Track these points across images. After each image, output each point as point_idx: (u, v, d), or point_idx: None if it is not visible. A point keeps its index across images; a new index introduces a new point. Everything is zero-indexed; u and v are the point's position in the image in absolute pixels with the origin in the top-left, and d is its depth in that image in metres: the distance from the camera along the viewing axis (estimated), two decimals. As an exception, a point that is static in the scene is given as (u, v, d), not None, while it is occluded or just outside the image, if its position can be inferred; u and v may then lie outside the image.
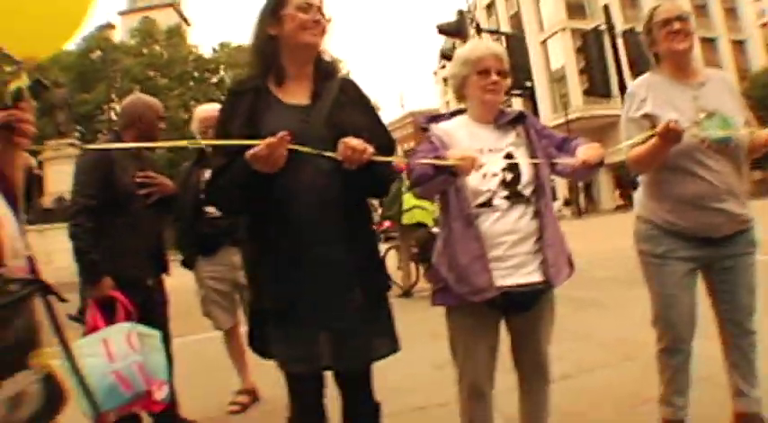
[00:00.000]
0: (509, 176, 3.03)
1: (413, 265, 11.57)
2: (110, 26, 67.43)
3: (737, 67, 59.06)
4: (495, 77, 3.14)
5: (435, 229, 10.52)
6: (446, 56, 11.93)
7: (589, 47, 12.81)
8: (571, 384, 3.39)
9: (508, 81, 3.27)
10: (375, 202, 11.93)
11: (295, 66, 2.87)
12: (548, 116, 49.07)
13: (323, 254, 2.66)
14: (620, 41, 13.58)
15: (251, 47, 2.96)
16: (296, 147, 2.45)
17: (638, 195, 3.68)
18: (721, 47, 61.30)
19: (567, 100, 52.84)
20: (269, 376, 5.12)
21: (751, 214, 3.48)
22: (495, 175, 3.02)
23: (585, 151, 2.98)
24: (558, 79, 55.50)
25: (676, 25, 3.44)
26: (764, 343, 3.61)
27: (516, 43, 12.26)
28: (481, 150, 3.01)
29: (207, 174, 4.87)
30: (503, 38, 12.93)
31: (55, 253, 31.54)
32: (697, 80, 3.52)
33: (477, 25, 11.54)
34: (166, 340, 4.14)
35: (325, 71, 2.95)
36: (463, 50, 3.27)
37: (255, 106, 2.75)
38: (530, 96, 12.44)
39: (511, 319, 3.20)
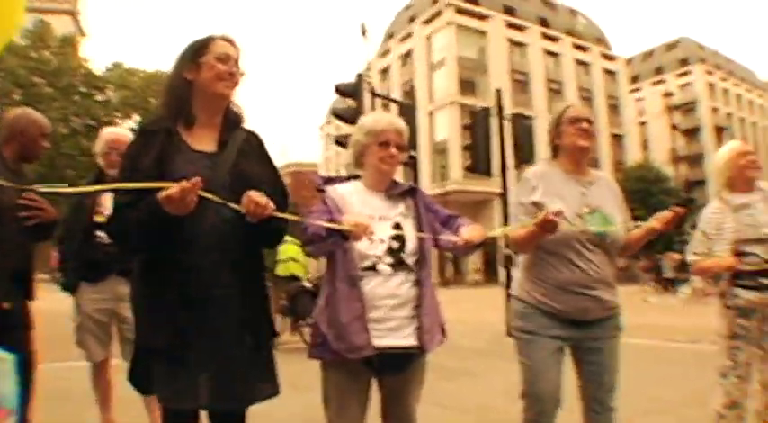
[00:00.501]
0: (395, 245, 3.22)
1: (279, 317, 11.54)
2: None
3: (614, 160, 62.32)
4: (394, 151, 3.36)
5: (307, 284, 10.61)
6: (337, 114, 12.09)
7: (477, 125, 13.26)
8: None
9: (405, 155, 3.48)
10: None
11: (206, 113, 2.96)
12: (426, 185, 49.89)
13: (218, 297, 2.74)
14: (506, 124, 14.06)
15: (165, 87, 3.03)
16: (205, 194, 2.53)
17: (517, 275, 3.92)
18: (602, 139, 64.53)
19: (446, 172, 54.11)
20: (132, 410, 5.12)
21: (618, 301, 3.80)
22: (382, 241, 3.19)
23: (469, 231, 3.24)
24: (440, 151, 56.75)
25: (584, 125, 3.78)
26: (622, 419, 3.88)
27: (407, 112, 12.51)
28: (371, 217, 3.17)
29: (104, 198, 4.77)
30: (394, 105, 13.19)
31: None
32: (587, 178, 3.85)
33: (372, 90, 11.76)
34: (26, 367, 3.83)
35: (232, 120, 3.07)
36: (367, 121, 3.47)
37: (165, 148, 2.80)
38: (413, 165, 12.69)
39: (383, 379, 3.34)
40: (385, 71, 67.39)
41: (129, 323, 4.81)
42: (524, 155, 13.61)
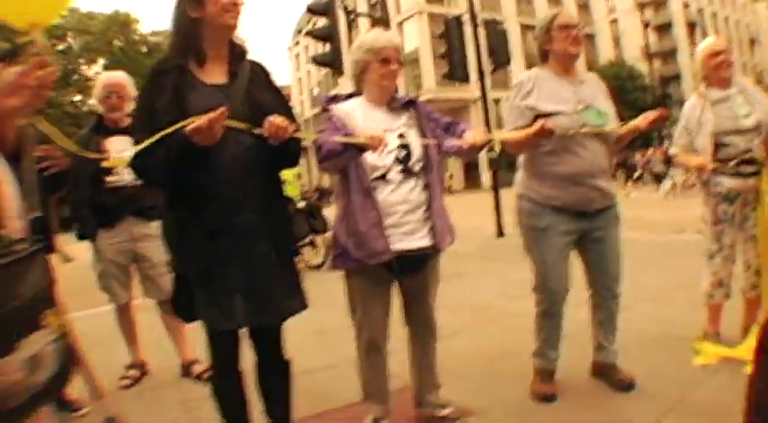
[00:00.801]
0: (402, 154, 3.40)
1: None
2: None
3: (587, 59, 61.94)
4: (394, 66, 3.50)
5: (300, 205, 10.76)
6: (312, 34, 12.07)
7: (451, 33, 13.28)
8: (441, 346, 3.80)
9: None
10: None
11: (214, 47, 3.03)
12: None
13: (245, 222, 2.89)
14: (479, 30, 14.09)
15: (172, 29, 3.07)
16: (230, 123, 2.65)
17: (519, 175, 4.11)
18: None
19: (419, 81, 53.69)
20: (159, 350, 5.34)
21: (614, 191, 4.04)
22: (390, 152, 3.37)
23: (473, 135, 3.41)
24: (412, 61, 56.13)
25: (574, 32, 3.95)
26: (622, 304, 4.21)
27: (381, 26, 12.55)
28: (377, 130, 3.30)
29: (109, 142, 4.84)
30: (368, 20, 13.20)
31: None
32: (577, 79, 4.02)
33: (345, 7, 11.74)
34: None
35: (238, 52, 3.15)
36: (367, 39, 3.58)
37: (179, 85, 2.88)
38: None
39: (403, 281, 3.58)
40: (349, -16, 66.29)
41: (148, 261, 5.00)
42: (500, 59, 13.70)
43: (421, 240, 3.41)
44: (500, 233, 13.18)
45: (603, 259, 4.06)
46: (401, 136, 3.45)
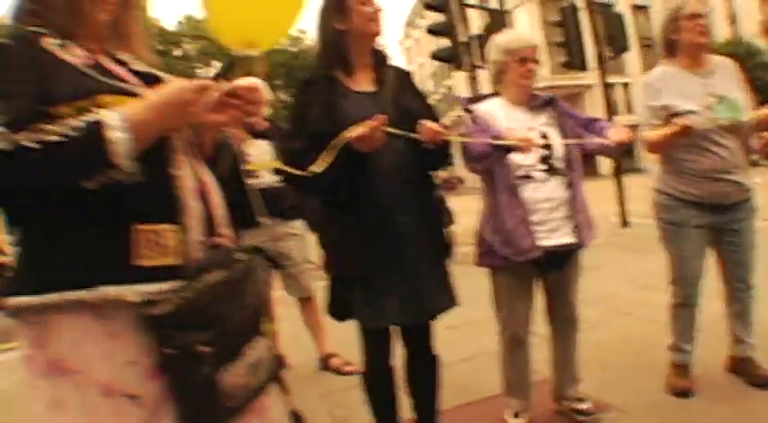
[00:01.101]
0: (545, 152, 3.46)
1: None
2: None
3: (702, 39, 59.77)
4: (531, 65, 3.57)
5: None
6: (431, 31, 12.10)
7: (567, 21, 13.11)
8: (581, 337, 3.84)
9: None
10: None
11: (359, 56, 3.16)
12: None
13: (402, 223, 3.01)
14: (590, 16, 13.88)
15: (319, 40, 3.19)
16: (389, 129, 2.76)
17: (656, 169, 4.10)
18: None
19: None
20: (297, 346, 5.55)
21: (751, 185, 3.96)
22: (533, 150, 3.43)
23: (617, 133, 3.43)
24: (524, 49, 55.49)
25: (702, 21, 3.88)
26: (757, 297, 4.12)
27: (498, 19, 12.48)
28: (519, 130, 3.42)
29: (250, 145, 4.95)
30: (486, 13, 13.07)
31: None
32: (706, 69, 3.93)
33: (461, 1, 11.75)
34: None
35: (381, 58, 3.26)
36: (503, 40, 3.66)
37: (330, 94, 3.02)
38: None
39: (546, 277, 3.66)
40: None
41: (290, 259, 5.18)
42: (619, 45, 13.42)
43: (565, 237, 3.48)
44: (624, 222, 12.94)
45: (738, 251, 4.01)
46: (543, 135, 3.51)
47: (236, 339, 1.79)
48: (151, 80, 1.98)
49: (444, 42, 12.08)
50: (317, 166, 2.65)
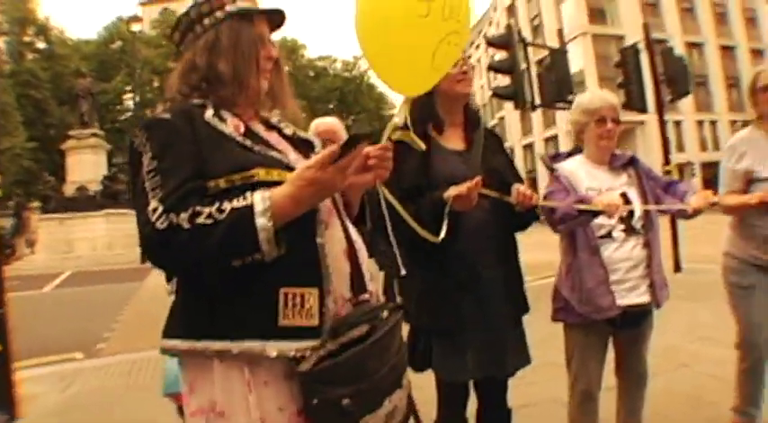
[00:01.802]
0: (625, 212, 3.51)
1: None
2: (136, 19, 67.16)
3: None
4: (610, 126, 3.64)
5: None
6: (493, 68, 12.20)
7: (627, 62, 13.11)
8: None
9: (622, 126, 3.75)
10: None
11: (449, 114, 3.29)
12: (565, 118, 48.75)
13: (487, 279, 3.10)
14: (650, 57, 13.84)
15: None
16: (484, 191, 2.88)
17: (727, 233, 4.14)
18: (740, 55, 61.34)
19: (585, 105, 52.83)
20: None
21: None
22: None
23: (698, 200, 3.44)
24: (577, 83, 55.20)
25: None
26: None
27: (559, 57, 12.53)
28: (600, 189, 3.52)
29: None
30: (546, 51, 13.11)
31: (76, 242, 31.54)
32: None
33: (524, 39, 11.79)
34: None
35: (473, 119, 3.38)
36: (583, 100, 3.76)
37: (425, 150, 3.04)
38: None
39: (619, 335, 3.71)
40: (510, 8, 66.16)
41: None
42: (681, 89, 13.34)
43: (642, 296, 3.53)
44: (677, 267, 12.80)
45: None
46: (623, 195, 3.52)
47: (379, 393, 1.87)
48: (301, 143, 2.23)
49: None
50: (442, 233, 2.75)
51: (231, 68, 2.02)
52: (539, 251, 5.40)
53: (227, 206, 1.72)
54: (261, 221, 1.71)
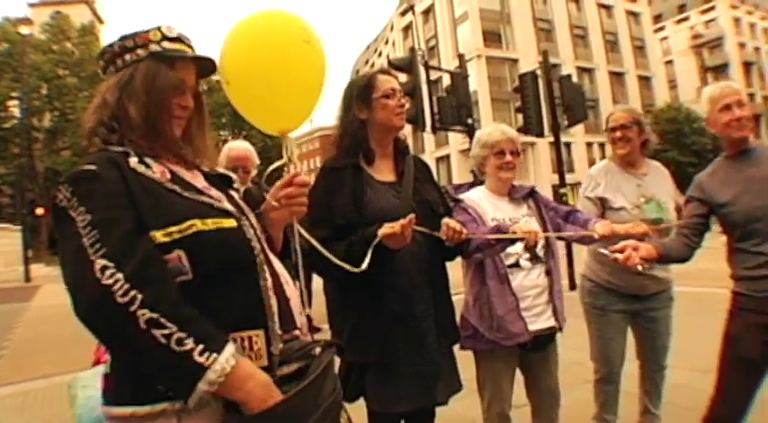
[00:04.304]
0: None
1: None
2: (25, 21, 64.51)
3: (643, 103, 61.75)
4: (509, 158, 3.81)
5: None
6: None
7: (526, 87, 13.47)
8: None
9: (521, 158, 3.93)
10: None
11: (381, 146, 3.31)
12: (459, 139, 49.65)
13: (420, 311, 3.12)
14: (546, 84, 14.21)
15: (340, 129, 3.33)
16: (417, 228, 2.89)
17: (585, 257, 4.55)
18: (629, 82, 63.97)
19: (477, 124, 53.86)
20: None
21: (671, 277, 4.35)
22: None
23: (603, 227, 3.59)
24: (473, 104, 56.22)
25: (618, 134, 4.28)
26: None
27: (460, 82, 12.76)
28: (503, 220, 3.67)
29: None
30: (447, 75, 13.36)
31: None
32: (641, 171, 4.35)
33: (426, 63, 11.97)
34: None
35: (402, 149, 3.42)
36: (482, 135, 3.94)
37: (356, 182, 3.13)
38: (468, 132, 12.94)
39: (529, 357, 3.83)
40: (407, 29, 66.90)
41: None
42: (577, 115, 13.78)
43: (548, 321, 3.72)
44: (572, 286, 13.03)
45: (653, 336, 4.38)
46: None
47: None
48: (219, 180, 2.20)
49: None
50: (364, 264, 2.76)
51: (140, 112, 1.95)
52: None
53: (188, 344, 1.65)
54: (201, 387, 1.66)
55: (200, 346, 1.66)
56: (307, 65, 2.42)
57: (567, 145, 52.33)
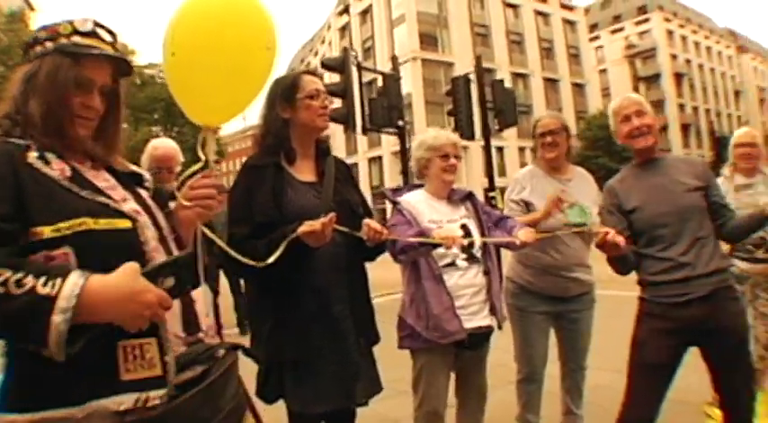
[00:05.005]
0: (466, 242, 3.74)
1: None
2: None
3: (576, 109, 62.85)
4: (452, 161, 3.92)
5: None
6: (331, 93, 12.27)
7: (458, 91, 13.59)
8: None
9: (461, 162, 4.02)
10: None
11: (302, 146, 3.32)
12: (392, 142, 49.65)
13: (338, 311, 3.15)
14: (479, 88, 14.35)
15: (262, 127, 3.33)
16: (337, 227, 2.90)
17: (509, 260, 4.65)
18: (563, 89, 65.00)
19: (411, 127, 54.13)
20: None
21: (593, 279, 4.48)
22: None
23: (526, 234, 3.73)
24: (405, 105, 56.23)
25: (548, 139, 4.41)
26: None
27: (392, 83, 12.77)
28: (441, 221, 3.77)
29: None
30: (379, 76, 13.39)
31: None
32: (566, 176, 4.49)
33: (359, 64, 11.95)
34: None
35: (323, 149, 3.45)
36: (427, 138, 4.01)
37: (277, 181, 3.14)
38: (399, 134, 12.99)
39: (461, 357, 3.91)
40: (344, 29, 66.93)
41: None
42: (508, 119, 14.01)
43: (484, 319, 3.80)
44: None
45: (574, 337, 4.50)
46: (463, 226, 3.83)
47: None
48: (130, 178, 2.13)
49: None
50: (271, 258, 2.70)
51: (40, 108, 1.87)
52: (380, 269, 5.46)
53: (28, 282, 1.56)
54: (56, 320, 1.54)
55: (42, 279, 1.56)
56: (259, 67, 2.34)
57: (500, 149, 52.84)
